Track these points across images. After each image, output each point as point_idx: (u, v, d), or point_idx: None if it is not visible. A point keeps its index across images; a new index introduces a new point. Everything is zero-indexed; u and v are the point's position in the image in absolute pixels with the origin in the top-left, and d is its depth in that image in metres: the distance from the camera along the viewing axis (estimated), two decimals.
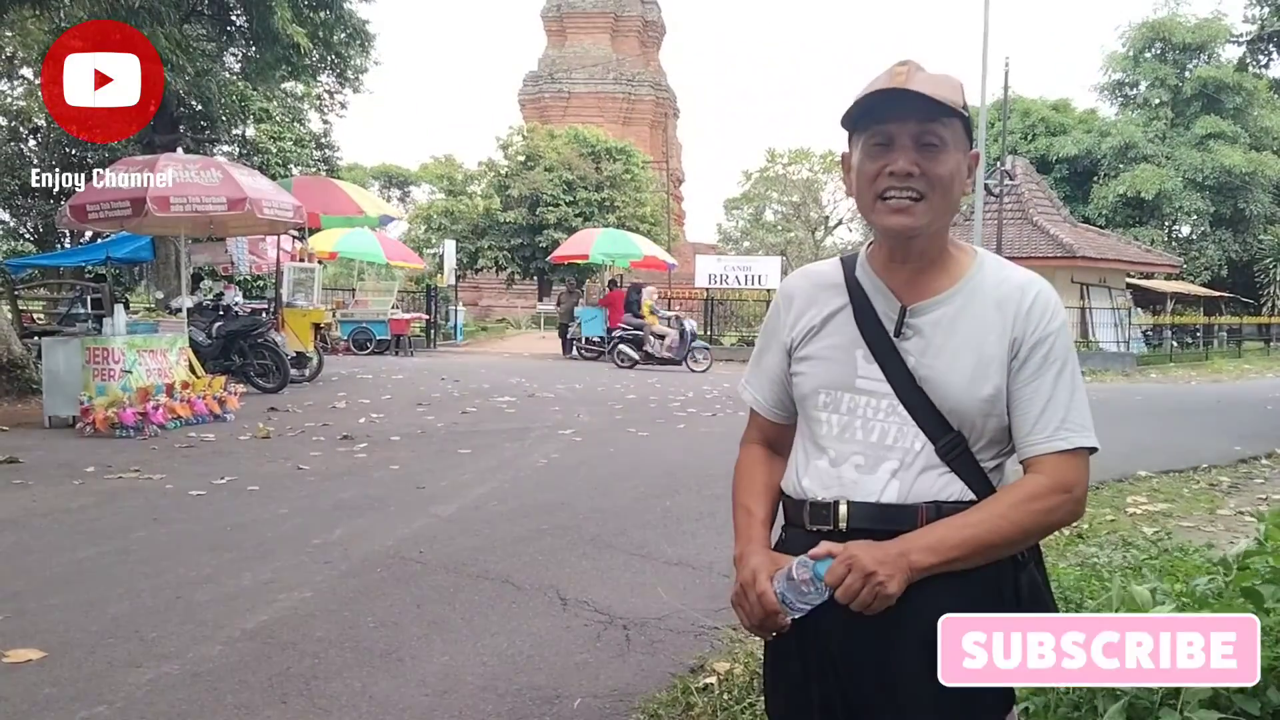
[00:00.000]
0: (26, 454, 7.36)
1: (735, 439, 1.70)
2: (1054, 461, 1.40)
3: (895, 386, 1.44)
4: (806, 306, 1.54)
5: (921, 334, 1.44)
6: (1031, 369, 1.42)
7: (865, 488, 1.43)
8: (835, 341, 1.50)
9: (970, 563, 1.36)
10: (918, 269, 1.47)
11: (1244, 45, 17.96)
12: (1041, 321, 1.42)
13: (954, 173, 1.42)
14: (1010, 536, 1.37)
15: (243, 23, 15.25)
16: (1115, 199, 33.44)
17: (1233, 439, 9.29)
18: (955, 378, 1.42)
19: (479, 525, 5.38)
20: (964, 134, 1.44)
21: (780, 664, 1.52)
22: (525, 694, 3.14)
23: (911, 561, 1.33)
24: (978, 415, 1.42)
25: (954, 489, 1.42)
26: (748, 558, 1.47)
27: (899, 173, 1.39)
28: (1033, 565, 1.45)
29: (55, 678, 3.17)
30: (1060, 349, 1.43)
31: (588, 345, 20.72)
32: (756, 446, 1.64)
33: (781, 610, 1.38)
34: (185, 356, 10.14)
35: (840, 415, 1.47)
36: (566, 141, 32.69)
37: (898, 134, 1.40)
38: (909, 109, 1.39)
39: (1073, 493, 1.40)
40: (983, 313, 1.43)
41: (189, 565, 4.47)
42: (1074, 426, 1.40)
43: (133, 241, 14.95)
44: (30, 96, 21.59)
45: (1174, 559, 3.73)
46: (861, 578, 1.31)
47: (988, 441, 1.44)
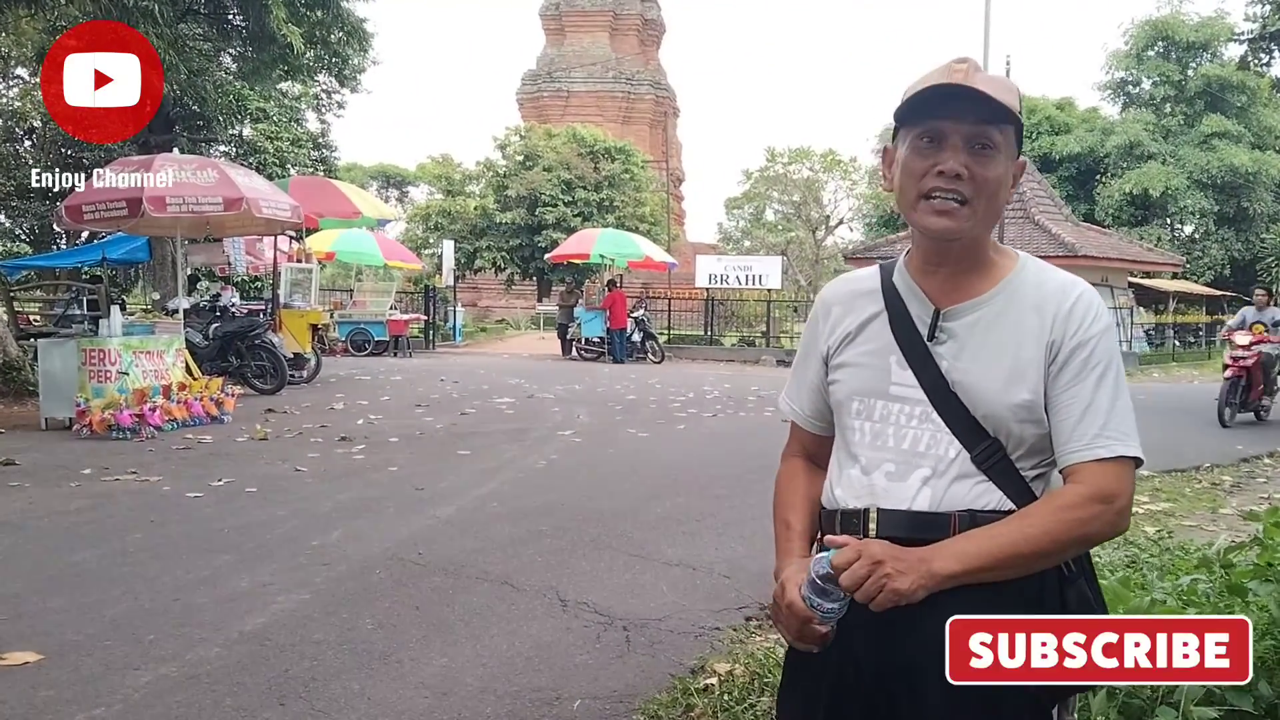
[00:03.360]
0: (23, 456, 7.34)
1: (735, 439, 1.70)
2: (1093, 470, 1.34)
3: (928, 392, 1.40)
4: (843, 314, 1.50)
5: (955, 338, 1.40)
6: (1071, 373, 1.36)
7: (896, 495, 1.39)
8: (870, 348, 1.46)
9: (1001, 574, 1.31)
10: (955, 272, 1.42)
11: (1245, 44, 17.99)
12: (1083, 324, 1.37)
13: (1002, 179, 1.37)
14: (1043, 548, 1.31)
15: (239, 22, 15.22)
16: (1121, 197, 33.44)
17: (1235, 438, 9.29)
18: (990, 382, 1.37)
19: (478, 527, 5.37)
20: (1015, 141, 1.39)
21: (797, 680, 1.49)
22: (525, 695, 3.12)
23: (933, 569, 1.29)
24: (1013, 421, 1.37)
25: (991, 498, 1.37)
26: (782, 571, 1.44)
27: (948, 173, 1.35)
28: (1083, 580, 1.40)
29: (53, 680, 3.16)
30: (1102, 353, 1.37)
31: (587, 346, 20.72)
32: (797, 459, 1.60)
33: (811, 615, 1.35)
34: (182, 358, 10.12)
35: (873, 423, 1.44)
36: (565, 141, 32.65)
37: (950, 133, 1.35)
38: (965, 108, 1.34)
39: (1113, 504, 1.33)
40: (1021, 316, 1.39)
41: (186, 567, 4.45)
42: (1115, 434, 1.35)
43: (129, 242, 14.92)
44: (26, 97, 21.55)
45: (1175, 558, 3.73)
46: (868, 565, 1.28)
47: (1028, 450, 1.39)
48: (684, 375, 17.00)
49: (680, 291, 27.55)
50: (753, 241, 40.47)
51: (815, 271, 37.72)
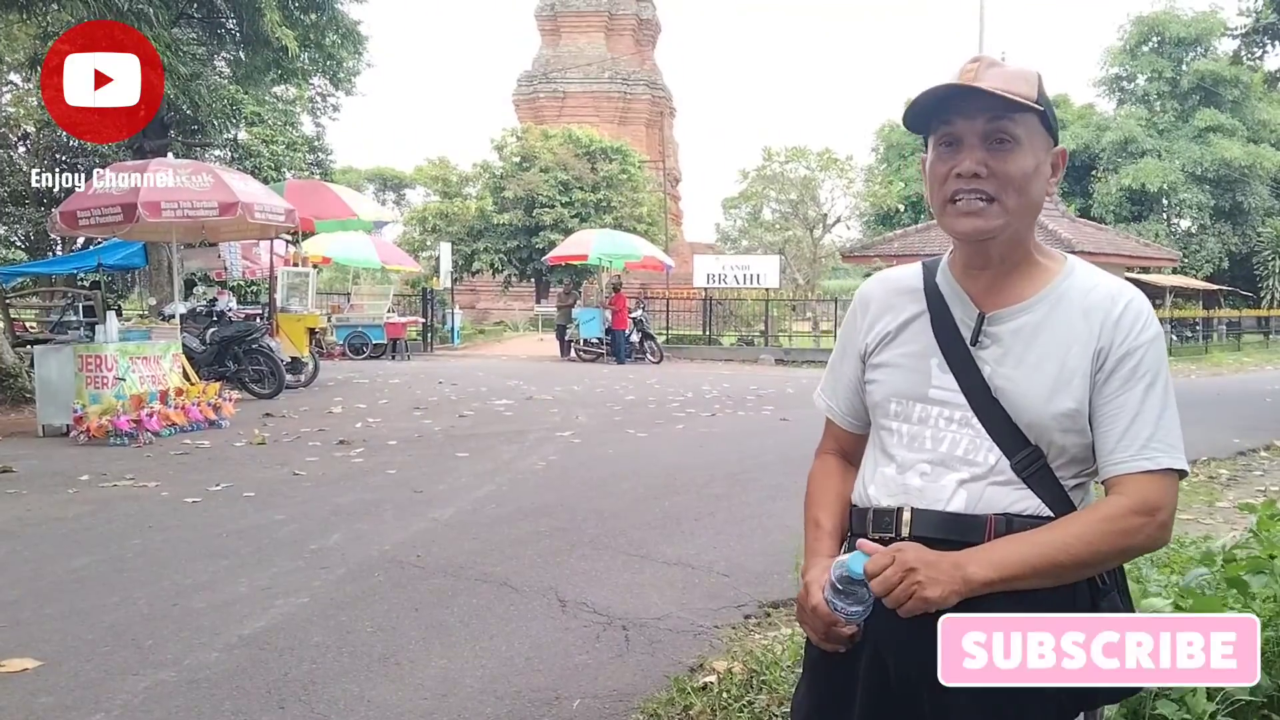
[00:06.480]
0: (20, 463, 7.33)
1: (734, 439, 1.69)
2: (1138, 482, 1.30)
3: (970, 397, 1.36)
4: (882, 312, 1.48)
5: (1000, 343, 1.37)
6: (1118, 382, 1.33)
7: (931, 495, 1.36)
8: (910, 349, 1.43)
9: (1037, 583, 1.28)
10: (998, 275, 1.39)
11: (1238, 39, 18.01)
12: (1132, 332, 1.33)
13: (1029, 171, 1.34)
14: (1082, 558, 1.28)
15: (233, 26, 15.20)
16: (1118, 192, 33.49)
17: (1232, 432, 9.29)
18: (1034, 390, 1.33)
19: (477, 528, 5.37)
20: (1044, 129, 1.36)
21: (818, 681, 1.48)
22: (524, 696, 3.12)
23: (967, 574, 1.26)
24: (1056, 430, 1.33)
25: (1029, 504, 1.33)
26: (808, 571, 1.43)
27: (965, 174, 1.33)
28: (1116, 593, 1.37)
29: (52, 686, 3.15)
30: (1151, 362, 1.33)
31: (585, 347, 20.72)
32: (831, 457, 1.58)
33: (835, 619, 1.34)
34: (179, 363, 10.12)
35: (911, 425, 1.41)
36: (561, 142, 32.63)
37: (965, 133, 1.33)
38: (976, 106, 1.32)
39: (1156, 517, 1.30)
40: (1068, 322, 1.35)
41: (185, 572, 4.45)
42: (1162, 446, 1.31)
43: (125, 248, 14.89)
44: (20, 103, 21.52)
45: (1171, 551, 3.73)
46: (901, 572, 1.26)
47: (1069, 459, 1.35)
48: (682, 375, 17.00)
49: (678, 291, 27.56)
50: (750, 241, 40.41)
51: (813, 270, 37.65)
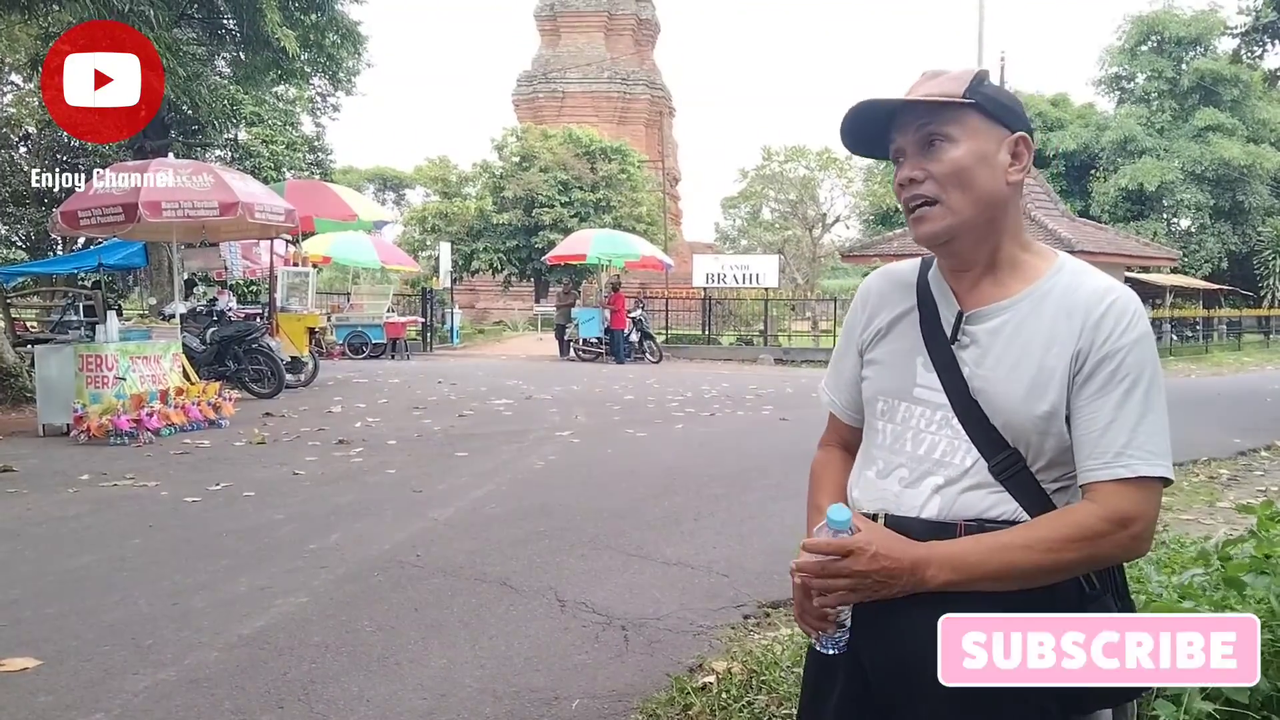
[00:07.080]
0: (21, 462, 7.34)
1: (733, 439, 1.70)
2: (1110, 490, 1.26)
3: (950, 397, 1.35)
4: (879, 307, 1.48)
5: (978, 342, 1.35)
6: (1096, 386, 1.28)
7: (908, 502, 1.36)
8: (898, 346, 1.43)
9: (999, 586, 1.26)
10: (982, 273, 1.38)
11: (1238, 37, 18.01)
12: (1113, 333, 1.29)
13: (966, 164, 1.32)
14: (1043, 564, 1.25)
15: (233, 26, 15.21)
16: (1117, 192, 33.47)
17: (1232, 431, 9.30)
18: (1011, 390, 1.31)
19: (476, 528, 5.37)
20: (988, 119, 1.33)
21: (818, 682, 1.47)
22: (524, 696, 3.12)
23: (924, 578, 1.26)
24: (1034, 433, 1.30)
25: (1005, 508, 1.31)
26: None
27: (903, 181, 1.35)
28: (1110, 597, 1.32)
29: (52, 685, 3.16)
30: (1132, 365, 1.28)
31: (585, 346, 20.72)
32: (833, 449, 1.59)
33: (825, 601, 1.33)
34: (179, 363, 10.12)
35: (894, 425, 1.41)
36: (561, 142, 32.64)
37: (906, 145, 1.36)
38: (909, 118, 1.34)
39: (1128, 528, 1.25)
40: (1051, 321, 1.32)
41: (185, 572, 4.45)
42: (1139, 453, 1.26)
43: (125, 248, 14.90)
44: (21, 104, 21.52)
45: (1171, 552, 3.73)
46: (852, 578, 1.27)
47: (1049, 462, 1.32)
48: (682, 375, 17.00)
49: (678, 291, 27.58)
50: (749, 240, 40.47)
51: (812, 270, 37.71)
